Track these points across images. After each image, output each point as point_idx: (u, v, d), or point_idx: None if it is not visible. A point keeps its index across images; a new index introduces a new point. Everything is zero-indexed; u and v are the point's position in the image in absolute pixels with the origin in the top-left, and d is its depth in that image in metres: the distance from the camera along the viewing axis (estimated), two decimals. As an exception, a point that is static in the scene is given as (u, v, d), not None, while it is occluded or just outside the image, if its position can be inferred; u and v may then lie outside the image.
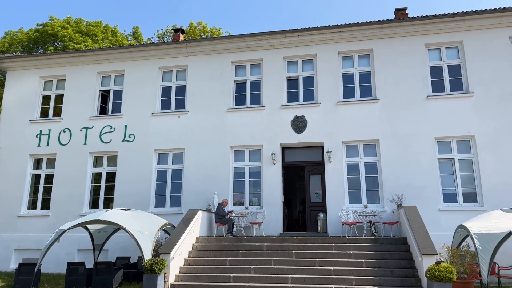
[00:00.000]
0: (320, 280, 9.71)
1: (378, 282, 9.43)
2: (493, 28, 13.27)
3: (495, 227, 9.05)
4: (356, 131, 13.46)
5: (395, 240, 11.06)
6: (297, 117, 13.96)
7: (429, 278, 8.47)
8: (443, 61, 13.59)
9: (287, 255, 10.81)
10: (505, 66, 12.93)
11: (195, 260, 11.08)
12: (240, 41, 14.82)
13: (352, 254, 10.54)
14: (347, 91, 14.08)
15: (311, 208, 13.87)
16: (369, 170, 13.33)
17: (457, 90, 13.26)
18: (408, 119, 13.16)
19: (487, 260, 8.62)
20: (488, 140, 12.48)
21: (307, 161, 14.15)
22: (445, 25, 13.44)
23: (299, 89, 14.44)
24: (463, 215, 11.61)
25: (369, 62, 14.14)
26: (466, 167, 12.70)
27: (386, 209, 12.61)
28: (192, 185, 14.01)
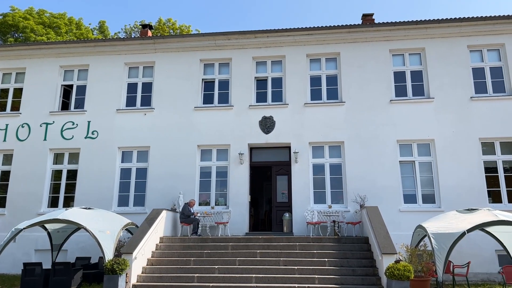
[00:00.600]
0: (284, 279, 9.79)
1: (340, 281, 9.63)
2: (453, 37, 13.85)
3: (451, 227, 9.45)
4: (322, 133, 13.69)
5: (357, 240, 11.33)
6: (265, 117, 14.03)
7: (388, 277, 8.73)
8: (406, 66, 14.06)
9: (252, 255, 10.84)
10: (463, 73, 13.53)
11: (158, 260, 10.90)
12: (209, 40, 14.72)
13: (316, 253, 10.70)
14: (314, 93, 14.29)
15: (277, 208, 13.98)
16: (334, 171, 13.59)
17: (419, 95, 13.75)
18: (372, 122, 13.52)
19: (443, 259, 8.97)
20: (446, 144, 13.02)
21: (275, 161, 14.25)
22: (409, 32, 13.92)
23: (267, 90, 14.51)
24: (422, 215, 12.04)
25: (336, 66, 14.41)
26: (426, 170, 13.19)
27: (350, 209, 12.89)
28: (157, 184, 13.78)
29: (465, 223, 9.37)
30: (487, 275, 11.75)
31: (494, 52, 13.78)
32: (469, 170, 12.74)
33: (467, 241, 11.50)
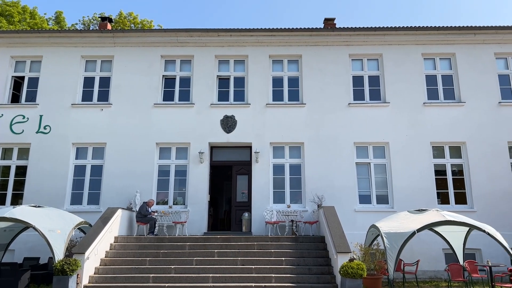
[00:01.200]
0: (241, 278, 9.80)
1: (296, 280, 9.77)
2: (408, 44, 14.45)
3: (402, 227, 9.84)
4: (283, 133, 13.83)
5: (313, 239, 11.54)
6: (227, 116, 13.98)
7: (342, 275, 8.96)
8: (364, 71, 14.50)
9: (209, 255, 10.77)
10: (417, 80, 14.14)
11: (112, 260, 10.58)
12: (171, 36, 14.47)
13: (274, 252, 10.80)
14: (276, 94, 14.41)
15: (237, 207, 13.97)
16: (294, 171, 13.78)
17: (376, 99, 14.22)
18: (331, 124, 13.82)
19: (394, 257, 9.33)
20: (400, 147, 13.56)
21: (235, 160, 14.23)
22: (368, 38, 14.36)
23: (230, 89, 14.47)
24: (376, 215, 12.46)
25: (298, 68, 14.61)
26: (380, 171, 13.67)
27: (308, 209, 13.12)
28: (113, 182, 13.37)
29: (415, 223, 9.79)
30: (435, 273, 12.34)
31: (446, 61, 14.50)
32: (421, 172, 13.33)
33: (417, 240, 12.01)
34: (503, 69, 14.35)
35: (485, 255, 12.32)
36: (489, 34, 14.21)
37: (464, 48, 14.33)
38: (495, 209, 12.90)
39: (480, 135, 13.54)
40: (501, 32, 14.16)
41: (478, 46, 14.34)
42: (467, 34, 14.21)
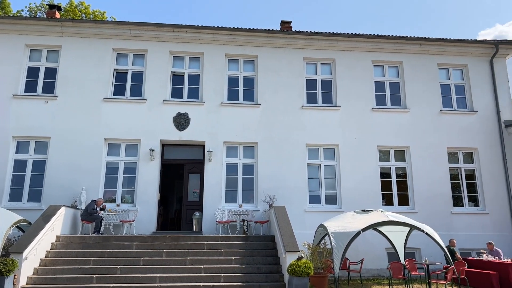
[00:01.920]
0: (190, 278, 9.68)
1: (245, 279, 9.80)
2: (360, 51, 14.99)
3: (348, 227, 10.18)
4: (237, 133, 13.84)
5: (264, 238, 11.64)
6: (180, 114, 13.76)
7: (290, 274, 9.10)
8: (317, 75, 14.85)
9: (157, 254, 10.54)
10: (366, 86, 14.70)
11: (53, 261, 10.05)
12: (124, 29, 14.02)
13: (223, 252, 10.77)
14: (231, 93, 14.39)
15: (188, 207, 13.79)
16: (247, 171, 13.82)
17: (327, 103, 14.62)
18: (284, 126, 14.03)
19: (340, 256, 9.62)
20: (349, 150, 14.03)
21: (187, 159, 14.05)
22: (321, 43, 14.73)
23: (184, 86, 14.26)
24: (324, 215, 12.80)
25: (253, 68, 14.69)
26: (330, 173, 14.06)
27: (259, 208, 13.21)
28: (56, 178, 12.71)
29: (361, 223, 10.17)
30: (378, 271, 12.89)
31: (394, 69, 15.20)
32: (367, 174, 13.87)
33: (362, 239, 12.54)
34: (445, 79, 15.28)
35: (424, 253, 13.05)
36: (433, 46, 15.07)
37: (411, 58, 15.11)
38: (434, 210, 13.70)
39: (423, 140, 14.32)
40: (444, 44, 15.07)
41: (423, 56, 15.17)
42: (414, 44, 14.99)
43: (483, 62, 15.34)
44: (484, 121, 14.74)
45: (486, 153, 14.45)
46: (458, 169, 14.47)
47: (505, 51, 15.30)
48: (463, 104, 15.12)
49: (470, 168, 14.50)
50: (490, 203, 14.01)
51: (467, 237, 13.48)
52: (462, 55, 15.28)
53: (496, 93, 15.00)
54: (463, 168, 14.46)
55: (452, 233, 13.36)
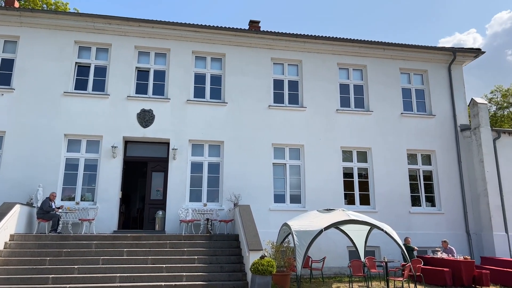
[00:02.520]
0: (151, 278, 9.50)
1: (208, 278, 9.74)
2: (326, 53, 15.25)
3: (311, 226, 10.33)
4: (203, 131, 13.72)
5: (228, 237, 11.61)
6: (144, 110, 13.47)
7: (253, 272, 9.12)
8: (285, 75, 14.99)
9: (118, 254, 10.27)
10: (331, 88, 14.98)
11: (6, 261, 9.59)
12: (87, 21, 13.57)
13: (186, 251, 10.65)
14: (198, 91, 14.25)
15: (151, 205, 13.54)
16: (212, 169, 13.73)
17: (294, 103, 14.78)
18: (251, 125, 14.05)
19: (302, 254, 9.75)
20: (313, 150, 14.24)
21: (151, 157, 13.78)
22: (289, 44, 14.87)
23: (149, 82, 13.97)
24: (289, 214, 12.95)
25: (221, 66, 14.61)
26: (295, 172, 14.22)
27: (224, 207, 13.16)
28: (11, 174, 12.11)
29: (323, 222, 10.34)
30: (339, 269, 13.16)
31: (358, 72, 15.59)
32: (331, 174, 14.14)
33: (325, 238, 12.73)
34: (406, 83, 15.83)
35: (384, 252, 13.46)
36: (396, 51, 15.58)
37: (374, 61, 15.54)
38: (393, 210, 14.16)
39: (384, 142, 14.77)
40: (406, 50, 15.61)
41: (386, 61, 15.64)
42: (377, 49, 15.43)
43: (442, 68, 16.02)
44: (441, 125, 15.39)
45: (443, 155, 15.09)
46: (417, 170, 15.03)
47: (462, 59, 16.04)
48: (422, 108, 15.72)
49: (428, 169, 15.10)
50: (445, 203, 14.65)
51: (424, 235, 14.03)
52: (422, 60, 15.89)
53: (453, 98, 15.70)
54: (421, 169, 15.04)
55: (410, 232, 13.86)
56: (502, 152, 14.70)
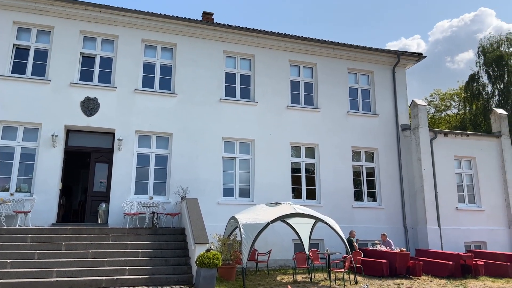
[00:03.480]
0: (91, 272, 9.14)
1: (152, 271, 9.54)
2: (279, 50, 15.42)
3: (258, 219, 10.44)
4: (151, 122, 13.37)
5: (174, 231, 11.44)
6: (89, 98, 12.86)
7: (198, 265, 9.06)
8: (237, 69, 14.97)
9: (55, 247, 9.77)
10: (283, 84, 15.19)
11: None
12: (28, 1, 12.68)
13: (130, 244, 10.35)
14: (146, 80, 13.83)
15: (93, 197, 12.99)
16: (160, 162, 13.43)
17: (246, 98, 14.81)
18: (201, 117, 13.89)
19: (248, 247, 9.83)
20: (263, 145, 14.39)
21: (95, 147, 13.20)
22: (242, 38, 14.86)
23: (95, 69, 13.35)
24: (237, 208, 13.02)
25: (171, 56, 14.29)
26: (245, 167, 14.28)
27: (171, 200, 12.93)
28: None
29: (270, 215, 10.49)
30: (284, 261, 13.43)
31: (309, 70, 15.92)
32: (280, 169, 14.36)
33: (271, 231, 12.99)
34: (353, 83, 16.42)
35: (327, 244, 13.92)
36: (345, 51, 16.09)
37: (324, 60, 15.95)
38: (338, 204, 14.68)
39: (330, 139, 15.24)
40: (354, 50, 16.18)
41: (335, 60, 16.11)
42: (327, 48, 15.85)
43: (387, 70, 16.79)
44: (384, 124, 16.15)
45: (384, 153, 15.86)
46: (360, 167, 15.68)
47: (406, 62, 16.91)
48: (367, 108, 16.40)
49: (371, 166, 15.80)
50: (385, 198, 15.42)
51: (365, 229, 14.68)
52: (369, 62, 16.55)
53: (396, 99, 16.52)
54: (364, 166, 15.70)
55: (352, 225, 14.45)
56: (438, 151, 15.71)
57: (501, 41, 27.49)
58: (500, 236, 15.63)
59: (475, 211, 15.66)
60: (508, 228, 15.83)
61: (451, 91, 34.96)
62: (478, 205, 15.88)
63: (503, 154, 16.44)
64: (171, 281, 9.40)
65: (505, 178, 16.22)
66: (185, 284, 9.47)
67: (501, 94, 26.59)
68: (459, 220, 15.30)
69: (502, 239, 15.63)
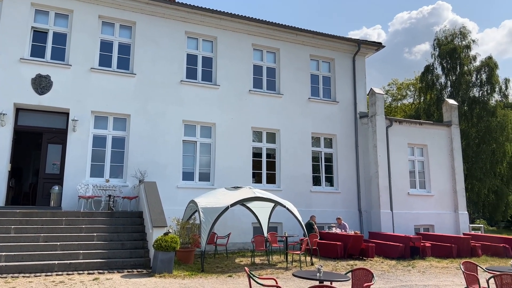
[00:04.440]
0: (43, 256, 8.82)
1: (107, 255, 9.35)
2: (241, 33, 15.26)
3: (218, 203, 10.45)
4: (108, 103, 12.91)
5: (131, 214, 11.23)
6: (40, 75, 12.19)
7: (156, 249, 8.98)
8: (198, 51, 14.69)
9: (3, 231, 9.35)
10: (245, 68, 15.10)
11: None
12: (-29, -33, 11.71)
13: (84, 228, 10.06)
14: (104, 59, 13.29)
15: (46, 180, 12.46)
16: (117, 144, 13.05)
17: (207, 80, 14.61)
18: (161, 99, 13.58)
19: (207, 231, 9.83)
20: (225, 129, 14.32)
21: (47, 127, 12.61)
22: (204, 19, 14.55)
23: (47, 45, 12.65)
24: (197, 192, 12.94)
25: (130, 35, 13.78)
26: (205, 151, 14.18)
27: (128, 184, 12.65)
28: None
29: (230, 199, 10.52)
30: (243, 244, 13.59)
31: (272, 54, 15.91)
32: (241, 153, 14.38)
33: (231, 215, 13.08)
34: (315, 70, 16.62)
35: (286, 227, 14.21)
36: (307, 37, 16.19)
37: (287, 46, 15.99)
38: (297, 188, 14.96)
39: (292, 125, 15.41)
40: (317, 37, 16.32)
41: (298, 46, 16.19)
42: (290, 34, 15.88)
43: (347, 58, 17.10)
44: (343, 111, 16.53)
45: (343, 139, 16.27)
46: (319, 152, 16.02)
47: (365, 51, 17.29)
48: (328, 95, 16.69)
49: (329, 152, 16.18)
50: (342, 183, 15.89)
51: (322, 213, 15.10)
52: (330, 49, 16.77)
53: (355, 87, 16.91)
54: (323, 152, 16.06)
55: (310, 209, 14.81)
56: (393, 139, 16.32)
57: (455, 35, 28.72)
58: (446, 220, 16.61)
59: (425, 196, 16.51)
60: (454, 212, 16.85)
61: (408, 81, 36.29)
62: (428, 191, 16.74)
63: (453, 142, 17.35)
64: (128, 265, 9.26)
65: (453, 165, 17.17)
66: (142, 267, 9.36)
67: (453, 86, 27.92)
68: (410, 204, 16.08)
69: (449, 222, 16.62)
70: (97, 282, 7.85)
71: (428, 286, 8.69)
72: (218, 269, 9.96)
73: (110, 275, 8.63)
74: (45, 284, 7.61)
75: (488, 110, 26.00)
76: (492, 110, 25.97)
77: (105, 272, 8.80)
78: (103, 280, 8.05)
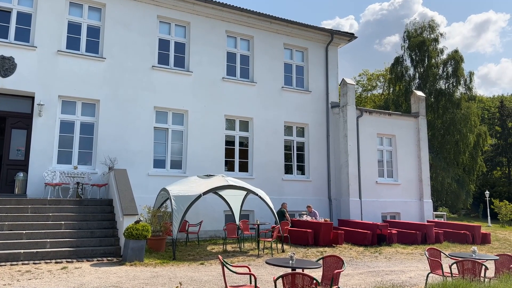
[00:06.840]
0: (7, 245, 8.54)
1: (76, 244, 9.15)
2: (215, 19, 15.04)
3: (190, 191, 10.39)
4: (76, 87, 12.49)
5: (100, 202, 11.00)
6: (3, 57, 11.62)
7: (126, 237, 8.86)
8: (171, 36, 14.38)
9: (-36, 220, 8.92)
10: (219, 55, 14.93)
11: None
12: None
13: (51, 216, 9.79)
14: (72, 42, 12.80)
15: (9, 166, 11.97)
16: (85, 130, 12.68)
17: (180, 66, 14.36)
18: (132, 85, 13.25)
19: (179, 219, 9.78)
20: (198, 116, 14.17)
21: (11, 111, 12.08)
22: (177, 3, 14.22)
23: (10, 25, 12.04)
24: (168, 180, 12.81)
25: (100, 17, 13.31)
26: (178, 138, 14.01)
27: (97, 171, 12.35)
28: None
29: (202, 187, 10.48)
30: (215, 232, 13.63)
31: (246, 42, 15.80)
32: (214, 141, 14.31)
33: (203, 203, 13.06)
34: (289, 59, 16.65)
35: (258, 215, 14.33)
36: (281, 25, 16.17)
37: (261, 34, 15.91)
38: (269, 177, 15.09)
39: (265, 113, 15.44)
40: (291, 26, 16.32)
41: (272, 34, 16.15)
42: (265, 21, 15.80)
43: (320, 48, 17.22)
44: (316, 101, 16.71)
45: (314, 129, 16.48)
46: (291, 141, 16.17)
47: (338, 41, 17.46)
48: (301, 84, 16.79)
49: (301, 141, 16.36)
50: (313, 172, 16.15)
51: (294, 200, 15.32)
52: (304, 38, 16.83)
53: (328, 77, 17.10)
54: (295, 141, 16.22)
55: (282, 197, 14.99)
56: (362, 128, 16.68)
57: (424, 28, 29.48)
58: (412, 207, 17.25)
59: (392, 185, 17.05)
60: (419, 200, 17.50)
61: (378, 72, 37.05)
62: (395, 179, 17.29)
63: (419, 133, 17.93)
64: (97, 253, 9.11)
65: (419, 155, 17.77)
66: (112, 256, 9.22)
67: (421, 77, 28.75)
68: (378, 192, 16.57)
69: (414, 210, 17.27)
70: (66, 271, 7.69)
71: (394, 272, 9.04)
72: (190, 257, 9.96)
73: (79, 263, 8.47)
74: (11, 273, 7.38)
75: (453, 102, 27.01)
76: (457, 102, 27.00)
77: (74, 261, 8.62)
78: (71, 269, 7.88)
